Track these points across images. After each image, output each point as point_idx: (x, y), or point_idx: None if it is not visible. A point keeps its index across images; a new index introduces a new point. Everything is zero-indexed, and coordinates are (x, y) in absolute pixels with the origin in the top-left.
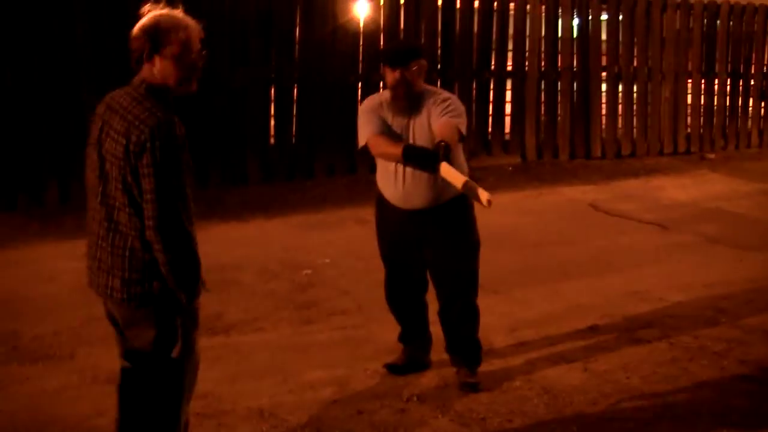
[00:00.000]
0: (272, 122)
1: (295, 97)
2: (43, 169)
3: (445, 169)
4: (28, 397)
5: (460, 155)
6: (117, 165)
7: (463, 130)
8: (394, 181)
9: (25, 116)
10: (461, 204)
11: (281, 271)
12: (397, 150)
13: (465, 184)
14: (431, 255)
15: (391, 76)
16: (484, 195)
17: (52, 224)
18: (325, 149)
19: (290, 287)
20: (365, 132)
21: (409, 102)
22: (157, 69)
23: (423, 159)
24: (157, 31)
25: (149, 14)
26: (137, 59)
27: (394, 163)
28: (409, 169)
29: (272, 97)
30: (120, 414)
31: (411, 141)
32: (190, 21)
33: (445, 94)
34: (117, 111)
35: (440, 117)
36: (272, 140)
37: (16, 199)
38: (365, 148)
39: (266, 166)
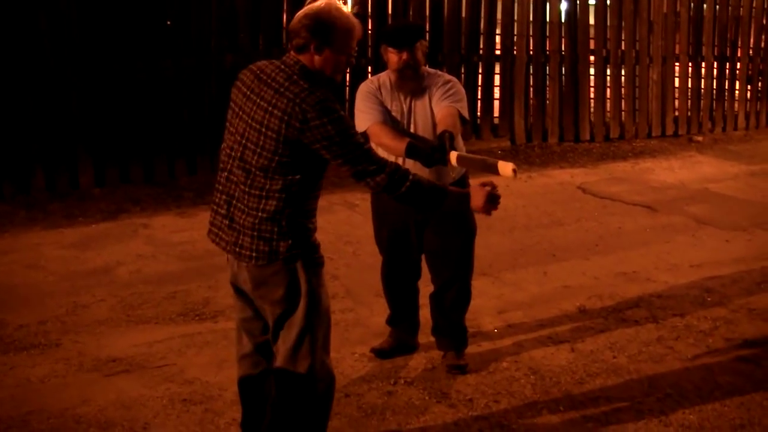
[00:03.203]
0: None
1: None
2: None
3: (459, 158)
4: (12, 387)
5: (459, 139)
6: (265, 134)
7: (465, 114)
8: None
9: (11, 101)
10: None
11: None
12: (399, 145)
13: (485, 162)
14: (431, 240)
15: (396, 57)
16: (507, 166)
17: (38, 212)
18: None
19: None
20: (366, 119)
21: (414, 83)
22: (317, 59)
23: (426, 157)
24: (326, 27)
25: (320, 6)
26: (301, 47)
27: None
28: None
29: None
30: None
31: (411, 125)
32: (354, 20)
33: (446, 76)
34: (269, 84)
35: (442, 101)
36: None
37: (1, 187)
38: (363, 134)
39: None
